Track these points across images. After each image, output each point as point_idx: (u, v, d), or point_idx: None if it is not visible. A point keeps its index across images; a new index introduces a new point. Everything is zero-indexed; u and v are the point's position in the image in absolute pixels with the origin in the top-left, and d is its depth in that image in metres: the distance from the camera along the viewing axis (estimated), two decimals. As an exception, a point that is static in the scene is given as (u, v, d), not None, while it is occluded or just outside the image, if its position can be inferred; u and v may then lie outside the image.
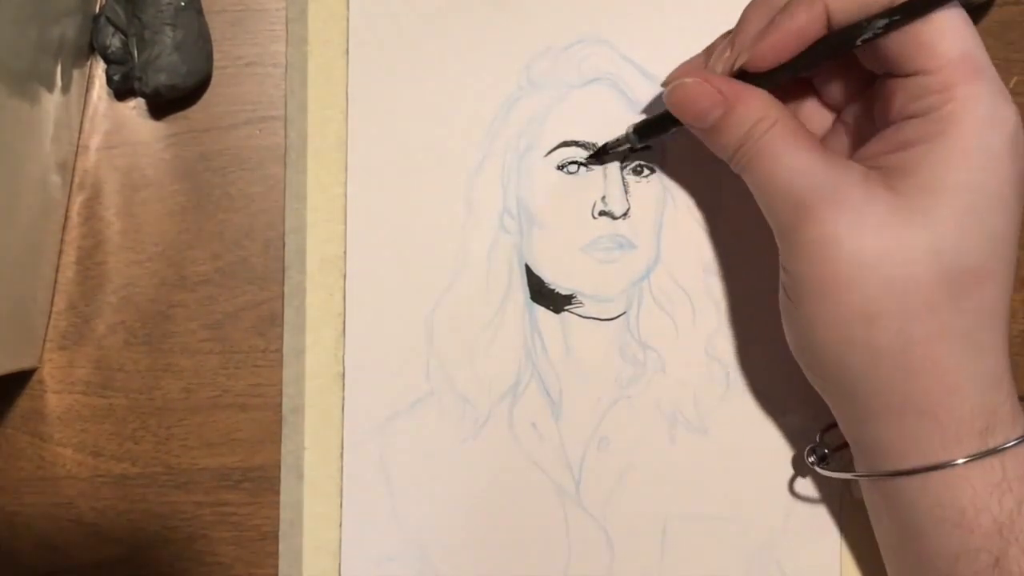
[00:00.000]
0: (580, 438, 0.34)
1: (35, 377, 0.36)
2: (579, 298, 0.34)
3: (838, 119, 0.31)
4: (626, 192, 0.34)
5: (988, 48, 0.36)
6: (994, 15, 0.36)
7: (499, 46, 0.35)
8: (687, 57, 0.35)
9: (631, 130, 0.33)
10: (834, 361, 0.28)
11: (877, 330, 0.26)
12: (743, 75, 0.29)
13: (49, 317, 0.36)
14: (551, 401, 0.34)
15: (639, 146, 0.33)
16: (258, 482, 0.35)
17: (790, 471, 0.34)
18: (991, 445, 0.26)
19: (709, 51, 0.31)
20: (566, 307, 0.34)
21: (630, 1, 0.35)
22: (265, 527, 0.35)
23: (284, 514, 0.34)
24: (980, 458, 0.26)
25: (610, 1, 0.35)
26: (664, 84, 0.31)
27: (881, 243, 0.26)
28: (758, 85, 0.29)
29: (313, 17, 0.35)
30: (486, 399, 0.34)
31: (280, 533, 0.34)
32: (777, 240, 0.28)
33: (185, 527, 0.35)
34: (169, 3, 0.35)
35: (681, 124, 0.31)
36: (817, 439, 0.32)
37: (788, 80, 0.29)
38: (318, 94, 0.35)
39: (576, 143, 0.35)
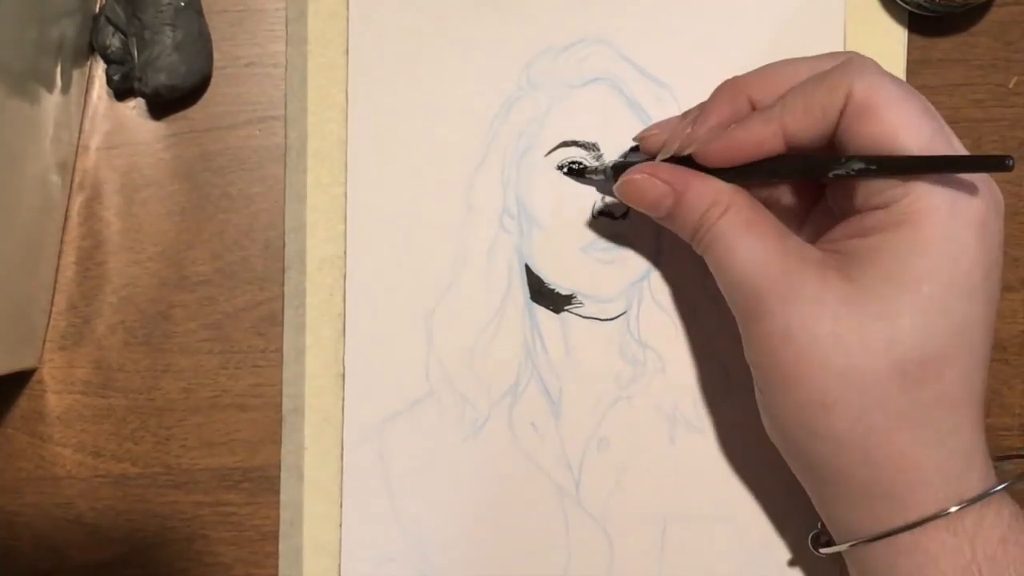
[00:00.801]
0: (580, 438, 0.34)
1: (35, 377, 0.36)
2: (579, 298, 0.34)
3: (820, 202, 0.31)
4: (626, 192, 0.34)
5: (988, 48, 0.36)
6: (994, 15, 0.36)
7: (499, 46, 0.35)
8: (686, 57, 0.35)
9: (608, 168, 0.33)
10: (799, 447, 0.28)
11: (834, 419, 0.26)
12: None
13: (49, 317, 0.36)
14: (551, 401, 0.34)
15: (612, 184, 0.33)
16: (258, 482, 0.35)
17: (790, 471, 0.34)
18: (959, 530, 0.26)
19: (685, 115, 0.31)
20: (566, 307, 0.34)
21: (630, 1, 0.35)
22: (265, 527, 0.35)
23: (284, 514, 0.34)
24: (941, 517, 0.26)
25: (610, 1, 0.35)
26: (635, 139, 0.32)
27: (834, 334, 0.26)
28: (722, 175, 0.29)
29: (313, 17, 0.35)
30: (486, 399, 0.34)
31: (280, 533, 0.34)
32: (740, 328, 0.29)
33: (185, 527, 0.35)
34: (169, 3, 0.35)
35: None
36: (819, 526, 0.32)
37: (755, 182, 0.29)
38: (318, 94, 0.35)
39: (576, 143, 0.35)
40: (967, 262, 0.25)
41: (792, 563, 0.34)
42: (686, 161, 0.29)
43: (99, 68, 0.37)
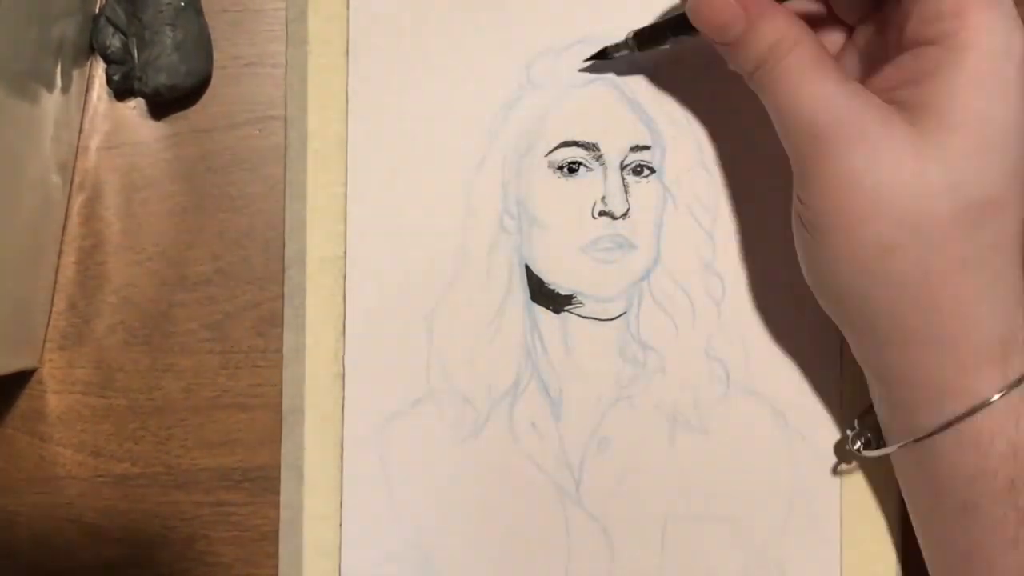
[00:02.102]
0: (580, 438, 0.34)
1: (35, 377, 0.36)
2: (579, 298, 0.34)
3: (850, 38, 0.31)
4: (626, 192, 0.34)
5: (988, 48, 0.36)
6: (994, 15, 0.36)
7: (499, 46, 0.35)
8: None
9: (631, 36, 0.33)
10: (852, 293, 0.28)
11: (895, 262, 0.26)
12: None
13: (49, 317, 0.36)
14: (551, 401, 0.34)
15: (637, 52, 0.33)
16: (258, 482, 0.35)
17: (790, 471, 0.34)
18: (1009, 372, 0.26)
19: None
20: (566, 307, 0.34)
21: (630, 1, 0.35)
22: (265, 527, 0.35)
23: (284, 514, 0.34)
24: (1006, 392, 0.26)
25: (610, 1, 0.35)
26: None
27: (899, 178, 0.26)
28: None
29: (313, 17, 0.35)
30: (486, 399, 0.34)
31: (280, 533, 0.34)
32: (794, 168, 0.28)
33: (185, 527, 0.35)
34: (169, 3, 0.35)
35: (684, 34, 0.30)
36: (856, 426, 0.32)
37: None
38: (318, 94, 0.35)
39: (576, 143, 0.35)
40: (1016, 103, 0.26)
41: (793, 563, 0.34)
42: None
43: (99, 68, 0.37)
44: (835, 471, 0.34)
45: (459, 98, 0.35)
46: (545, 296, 0.34)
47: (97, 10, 0.37)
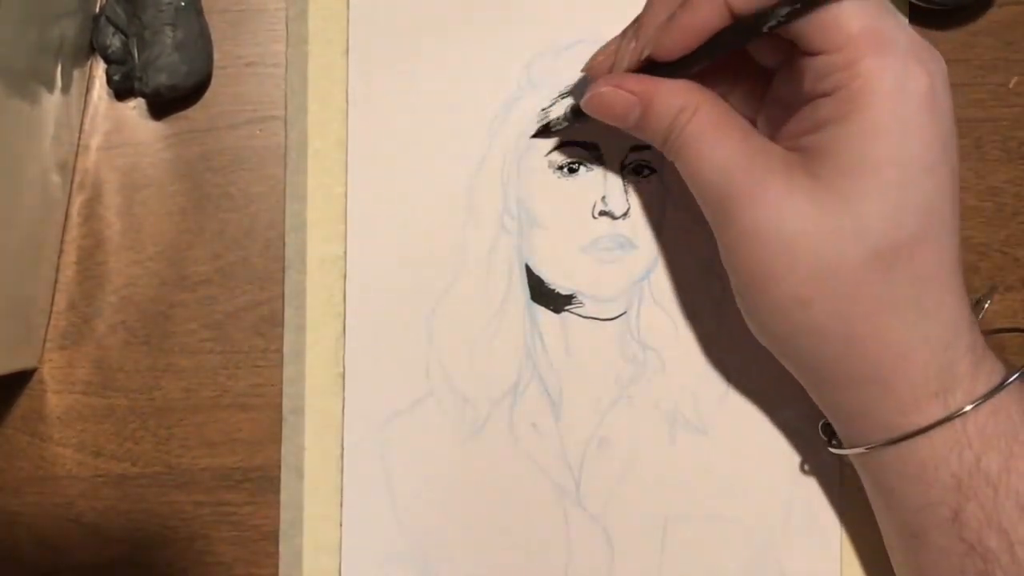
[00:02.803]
0: (580, 438, 0.34)
1: (35, 377, 0.36)
2: (579, 298, 0.34)
3: (769, 88, 0.31)
4: (626, 192, 0.34)
5: (988, 48, 0.36)
6: (994, 15, 0.36)
7: (499, 46, 0.35)
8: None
9: (569, 111, 0.33)
10: (783, 344, 0.29)
11: (814, 314, 0.27)
12: (654, 63, 0.29)
13: (49, 317, 0.36)
14: (551, 401, 0.34)
15: (576, 124, 0.33)
16: (258, 482, 0.35)
17: (790, 471, 0.34)
18: (951, 404, 0.26)
19: (623, 34, 0.31)
20: (566, 307, 0.34)
21: (630, 1, 0.35)
22: (265, 527, 0.35)
23: (284, 514, 0.34)
24: (943, 421, 0.26)
25: (610, 1, 0.35)
26: (583, 71, 0.32)
27: (804, 231, 0.26)
28: (672, 73, 0.29)
29: (313, 17, 0.35)
30: (486, 399, 0.34)
31: (280, 533, 0.34)
32: (713, 229, 0.29)
33: (185, 527, 0.35)
34: (169, 3, 0.35)
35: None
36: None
37: (703, 66, 0.29)
38: (318, 94, 0.35)
39: (576, 143, 0.35)
40: (922, 139, 0.25)
41: (793, 563, 0.34)
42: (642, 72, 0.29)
43: (99, 68, 0.37)
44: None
45: (459, 98, 0.35)
46: (545, 296, 0.34)
47: (97, 10, 0.37)
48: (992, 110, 0.36)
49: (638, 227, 0.34)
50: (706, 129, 0.28)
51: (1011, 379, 0.27)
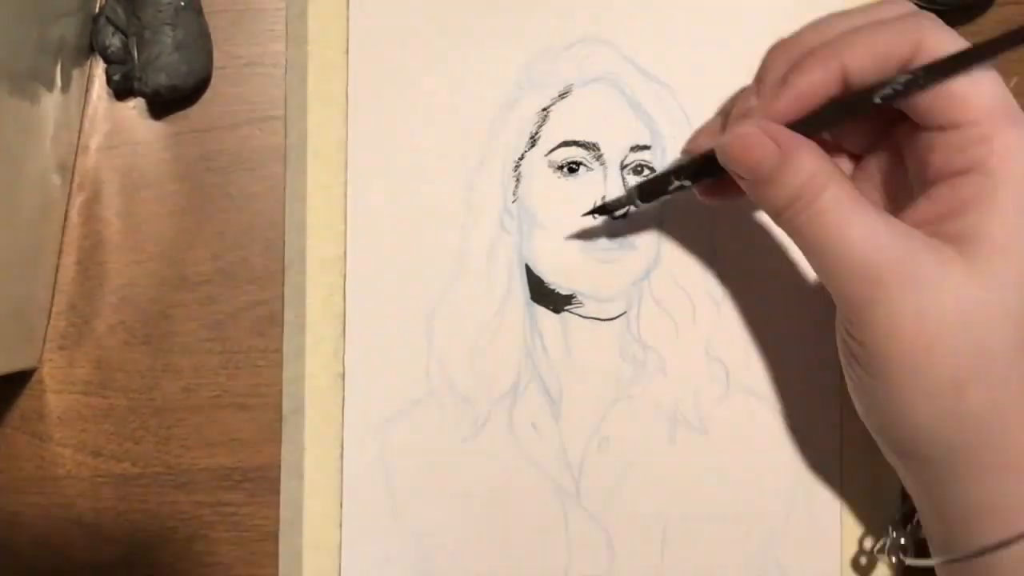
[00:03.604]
0: (580, 438, 0.34)
1: (35, 377, 0.36)
2: (579, 298, 0.34)
3: (858, 168, 0.30)
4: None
5: (988, 48, 0.36)
6: (994, 15, 0.36)
7: (499, 46, 0.35)
8: (687, 57, 0.35)
9: (635, 192, 0.32)
10: (921, 431, 0.27)
11: (969, 397, 0.26)
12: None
13: (49, 317, 0.36)
14: (551, 401, 0.34)
15: (640, 205, 0.32)
16: (258, 482, 0.35)
17: (790, 471, 0.34)
18: None
19: (724, 112, 0.30)
20: (566, 307, 0.34)
21: (631, 1, 0.35)
22: (265, 527, 0.35)
23: (284, 514, 0.34)
24: None
25: (611, 1, 0.35)
26: (684, 151, 0.31)
27: (964, 310, 0.25)
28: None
29: (313, 17, 0.35)
30: (486, 399, 0.34)
31: (280, 533, 0.34)
32: (842, 307, 0.27)
33: (185, 527, 0.35)
34: (169, 3, 0.35)
35: (684, 186, 0.30)
36: (891, 531, 0.32)
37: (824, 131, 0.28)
38: (318, 94, 0.35)
39: (576, 143, 0.35)
40: None
41: (793, 563, 0.34)
42: None
43: (99, 68, 0.37)
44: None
45: (459, 98, 0.35)
46: (545, 296, 0.34)
47: (97, 10, 0.37)
48: (992, 110, 0.36)
49: (638, 227, 0.34)
50: (845, 200, 0.26)
51: None
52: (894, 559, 0.31)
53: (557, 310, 0.34)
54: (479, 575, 0.34)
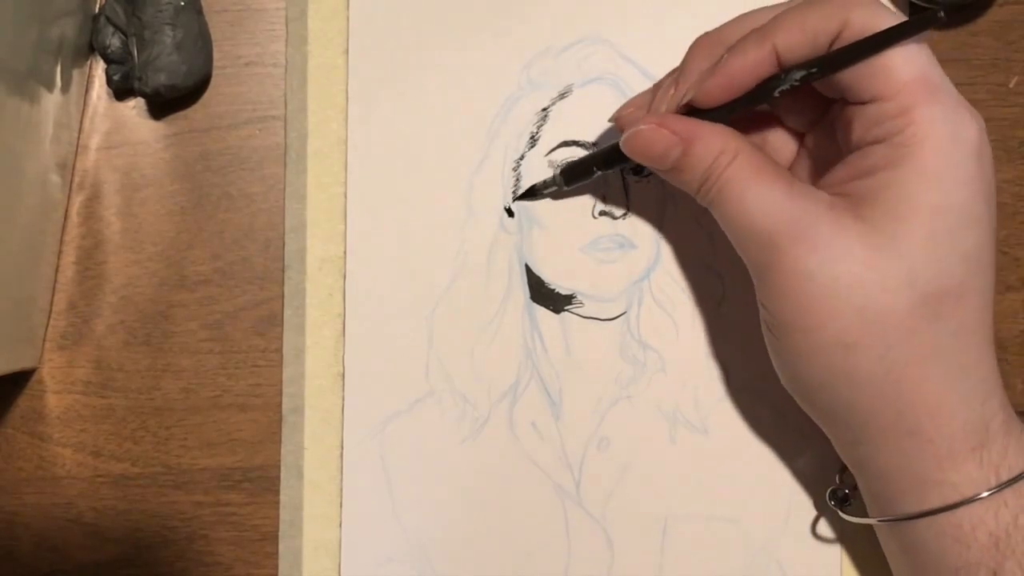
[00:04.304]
0: (580, 438, 0.34)
1: (35, 377, 0.36)
2: (579, 298, 0.34)
3: (802, 145, 0.31)
4: (626, 192, 0.34)
5: (988, 48, 0.36)
6: (994, 15, 0.36)
7: (499, 46, 0.35)
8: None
9: (558, 172, 0.33)
10: (820, 391, 0.28)
11: (857, 359, 0.26)
12: (692, 112, 0.29)
13: (49, 317, 0.36)
14: (551, 401, 0.34)
15: (566, 188, 0.34)
16: (258, 482, 0.35)
17: (790, 471, 0.34)
18: (985, 460, 0.26)
19: (656, 88, 0.31)
20: (566, 307, 0.34)
21: (630, 1, 0.35)
22: (265, 527, 0.35)
23: (284, 514, 0.34)
24: (994, 493, 0.26)
25: (610, 1, 0.35)
26: (611, 120, 0.32)
27: (853, 274, 0.26)
28: (710, 120, 0.29)
29: (313, 17, 0.35)
30: (486, 399, 0.34)
31: (280, 533, 0.34)
32: (752, 275, 0.29)
33: (185, 527, 0.35)
34: (169, 3, 0.35)
35: (612, 166, 0.32)
36: (837, 480, 0.32)
37: (743, 112, 0.29)
38: (318, 94, 0.35)
39: (576, 143, 0.35)
40: (971, 190, 0.26)
41: (793, 563, 0.34)
42: None
43: (99, 68, 0.37)
44: (835, 471, 0.34)
45: (459, 98, 0.35)
46: (545, 296, 0.34)
47: (97, 10, 0.37)
48: (992, 110, 0.36)
49: (638, 227, 0.34)
50: (748, 172, 0.27)
51: None
52: (839, 511, 0.32)
53: (557, 310, 0.34)
54: (479, 575, 0.34)
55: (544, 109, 0.35)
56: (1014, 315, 0.36)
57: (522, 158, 0.35)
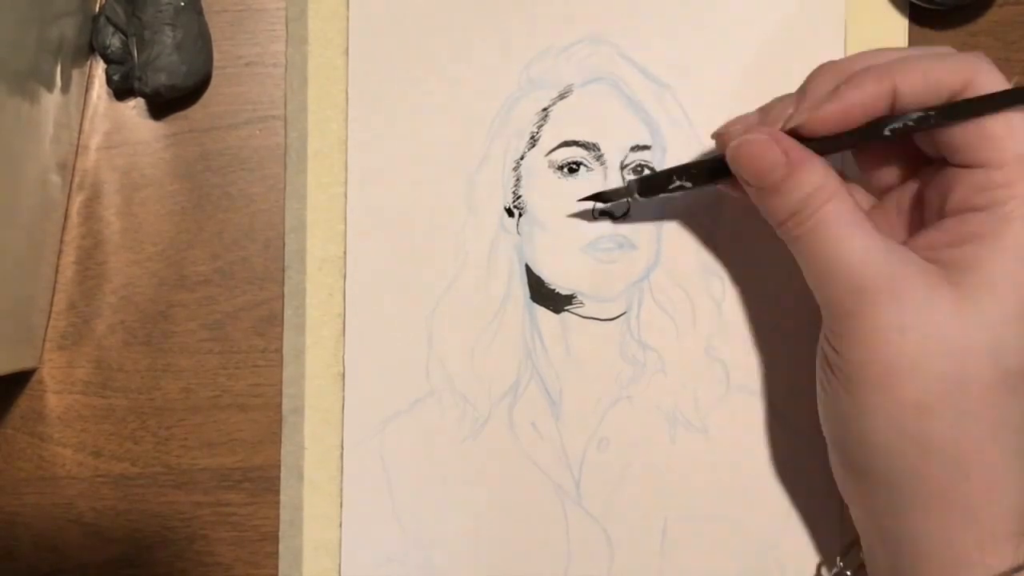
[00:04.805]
0: (580, 438, 0.34)
1: (35, 377, 0.36)
2: (579, 298, 0.34)
3: (879, 204, 0.31)
4: (626, 192, 0.34)
5: (988, 48, 0.36)
6: (994, 15, 0.36)
7: (499, 45, 0.35)
8: (687, 57, 0.35)
9: (635, 185, 0.32)
10: (882, 451, 0.27)
11: (932, 422, 0.26)
12: (796, 139, 0.28)
13: (49, 317, 0.36)
14: (551, 401, 0.34)
15: (638, 201, 0.33)
16: (258, 482, 0.35)
17: (790, 471, 0.34)
18: (1021, 549, 0.26)
19: (764, 110, 0.30)
20: (566, 307, 0.34)
21: (631, 1, 0.35)
22: (265, 527, 0.35)
23: (284, 514, 0.34)
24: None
25: (611, 1, 0.35)
26: (714, 136, 0.31)
27: (943, 337, 0.25)
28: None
29: (313, 17, 0.35)
30: (486, 399, 0.34)
31: (280, 533, 0.34)
32: (828, 317, 0.28)
33: (185, 527, 0.35)
34: (169, 3, 0.35)
35: (685, 186, 0.31)
36: (838, 561, 0.32)
37: (845, 149, 0.28)
38: (318, 94, 0.35)
39: (576, 143, 0.35)
40: None
41: (793, 563, 0.34)
42: None
43: (99, 68, 0.37)
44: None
45: (459, 98, 0.35)
46: (545, 296, 0.34)
47: (97, 10, 0.37)
48: (992, 110, 0.36)
49: (638, 227, 0.34)
50: (847, 217, 0.27)
51: None
52: None
53: (557, 310, 0.34)
54: (479, 575, 0.34)
55: (544, 109, 0.35)
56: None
57: (522, 158, 0.35)
